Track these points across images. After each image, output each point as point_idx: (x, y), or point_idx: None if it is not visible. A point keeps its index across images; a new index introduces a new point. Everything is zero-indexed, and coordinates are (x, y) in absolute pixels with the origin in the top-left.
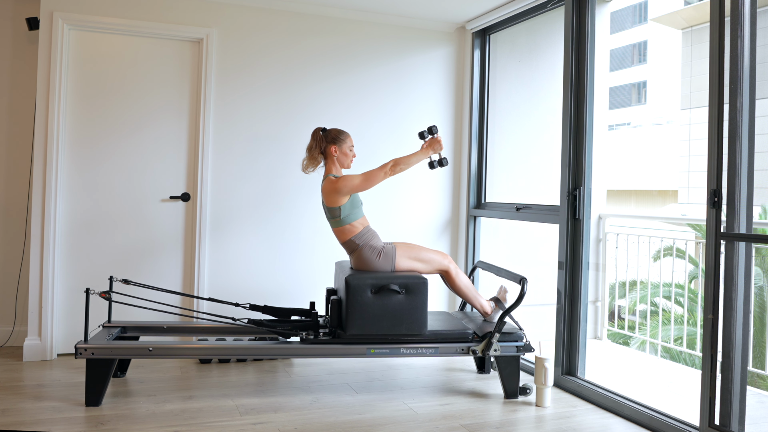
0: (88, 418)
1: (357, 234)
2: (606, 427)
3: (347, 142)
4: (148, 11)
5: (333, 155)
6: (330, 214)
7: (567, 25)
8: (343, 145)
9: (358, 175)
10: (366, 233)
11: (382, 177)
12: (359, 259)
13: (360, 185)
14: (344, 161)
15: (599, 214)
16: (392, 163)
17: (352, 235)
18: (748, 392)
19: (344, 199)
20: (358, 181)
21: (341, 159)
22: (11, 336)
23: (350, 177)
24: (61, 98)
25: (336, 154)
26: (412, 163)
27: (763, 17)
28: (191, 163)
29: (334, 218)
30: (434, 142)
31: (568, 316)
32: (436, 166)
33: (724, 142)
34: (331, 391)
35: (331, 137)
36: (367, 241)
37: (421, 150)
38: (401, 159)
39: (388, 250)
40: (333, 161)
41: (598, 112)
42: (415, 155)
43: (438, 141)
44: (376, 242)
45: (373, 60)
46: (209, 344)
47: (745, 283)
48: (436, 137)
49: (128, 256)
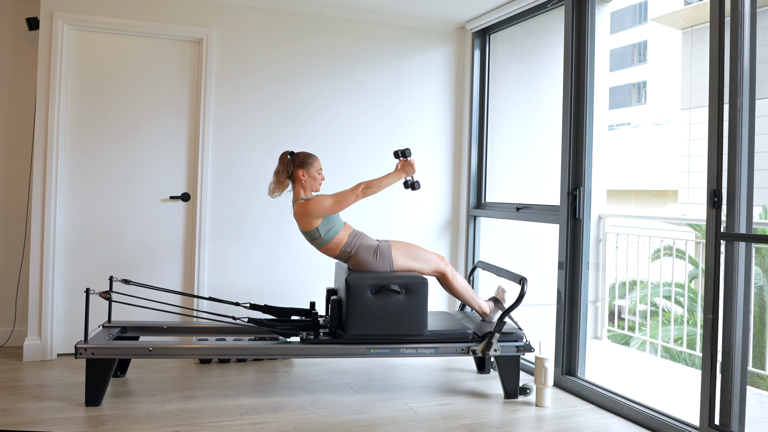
0: (88, 418)
1: (345, 243)
2: (606, 427)
3: (315, 165)
4: (148, 11)
5: (301, 179)
6: (309, 237)
7: (567, 25)
8: (311, 168)
9: (328, 197)
10: (354, 238)
11: (353, 200)
12: (357, 263)
13: (331, 208)
14: (313, 185)
15: (599, 214)
16: (364, 186)
17: (341, 247)
18: (748, 392)
19: (317, 221)
20: (328, 204)
21: (309, 182)
22: (11, 336)
23: (321, 200)
24: (61, 98)
25: (304, 178)
26: (384, 186)
27: (763, 17)
28: (191, 163)
29: (315, 240)
30: (407, 165)
31: (568, 316)
32: (409, 189)
33: (724, 142)
34: (331, 391)
35: (299, 161)
36: (359, 244)
37: (394, 173)
38: (373, 182)
39: (383, 248)
40: (302, 185)
41: (598, 112)
42: (387, 178)
43: (410, 164)
44: (369, 242)
45: (372, 60)
46: (209, 344)
47: (745, 283)
48: (409, 161)
49: (128, 256)
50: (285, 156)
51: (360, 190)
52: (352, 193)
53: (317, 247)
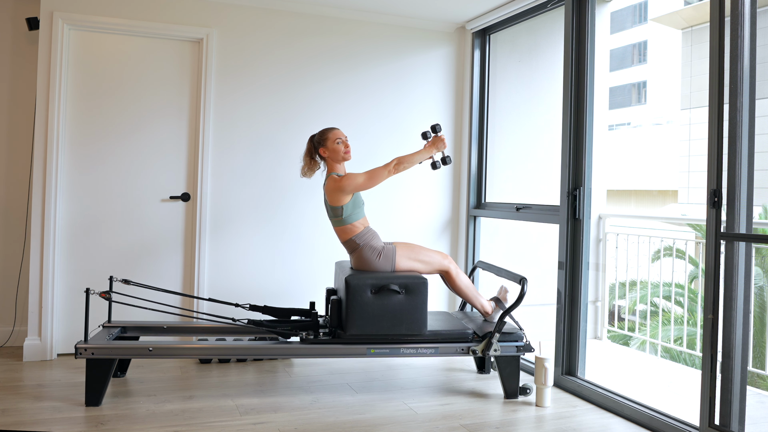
0: (88, 418)
1: (358, 234)
2: (606, 427)
3: (330, 137)
4: (148, 11)
5: (326, 156)
6: (332, 212)
7: (567, 25)
8: (327, 142)
9: (361, 174)
10: (366, 233)
11: (385, 175)
12: (359, 259)
13: (363, 184)
14: (336, 157)
15: (599, 214)
16: (396, 162)
17: (353, 234)
18: (748, 392)
19: (347, 198)
20: (361, 180)
21: (333, 156)
22: (11, 336)
23: (354, 175)
24: (61, 98)
25: (326, 154)
26: (415, 162)
27: (763, 17)
28: (191, 163)
29: (336, 217)
30: (438, 141)
31: (568, 316)
32: (439, 166)
33: (724, 142)
34: (331, 391)
35: (317, 140)
36: (367, 241)
37: (425, 148)
38: (405, 157)
39: (388, 251)
40: (329, 162)
41: (598, 112)
42: (418, 153)
43: (442, 140)
44: (376, 242)
45: (372, 60)
46: (209, 344)
47: (745, 283)
48: (440, 136)
49: (128, 256)
50: (310, 139)
51: (392, 166)
52: (384, 170)
53: (334, 225)
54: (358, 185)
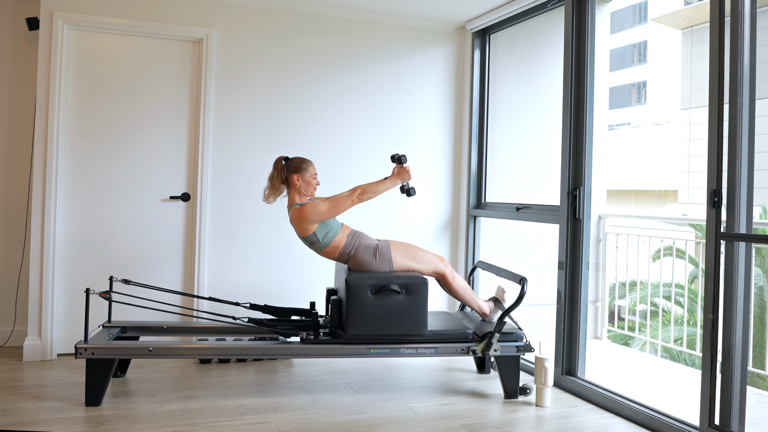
0: (88, 418)
1: (344, 245)
2: (606, 427)
3: (309, 170)
4: (148, 11)
5: (296, 184)
6: (308, 242)
7: (567, 25)
8: (305, 173)
9: (324, 202)
10: (353, 239)
11: (349, 205)
12: (356, 263)
13: (326, 213)
14: (307, 189)
15: (599, 214)
16: (360, 191)
17: (340, 249)
18: (748, 392)
19: (314, 226)
20: (324, 209)
21: (304, 187)
22: (11, 336)
23: (316, 204)
24: (61, 98)
25: (299, 183)
26: (379, 192)
27: (763, 17)
28: (191, 163)
29: (313, 245)
30: (402, 172)
31: (568, 316)
32: (404, 194)
33: (724, 142)
34: (331, 391)
35: (293, 166)
36: (358, 245)
37: (390, 178)
38: (369, 187)
39: (382, 248)
40: (296, 190)
41: (598, 112)
42: (383, 183)
43: (406, 171)
44: (368, 242)
45: (373, 60)
46: (209, 344)
47: (745, 283)
48: (405, 167)
49: (128, 256)
50: (279, 161)
51: (356, 196)
52: (347, 199)
53: (317, 251)
54: (320, 214)
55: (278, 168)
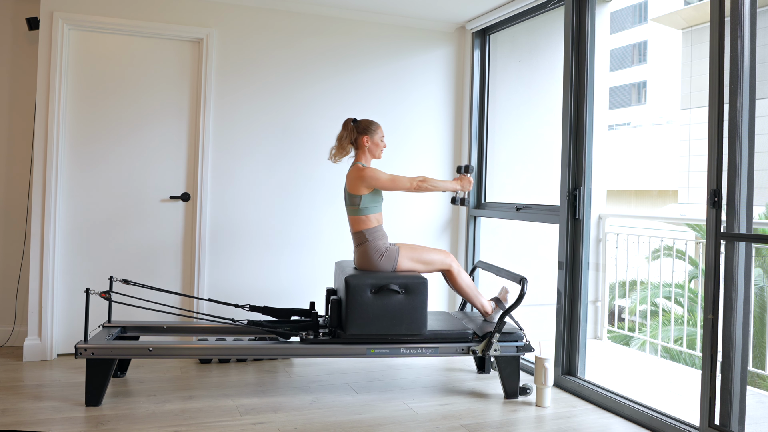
0: (88, 418)
1: (369, 228)
2: (606, 427)
3: (378, 132)
4: (148, 11)
5: (365, 145)
6: (350, 200)
7: (567, 25)
8: (374, 135)
9: (386, 173)
10: (377, 231)
11: (407, 186)
12: (363, 254)
13: (384, 183)
14: (375, 151)
15: (599, 214)
16: (422, 179)
17: (365, 227)
18: (748, 392)
19: (366, 190)
20: (384, 178)
21: (372, 149)
22: (11, 336)
23: (378, 171)
24: (61, 98)
25: (368, 145)
26: (439, 188)
27: (763, 17)
28: (191, 163)
29: (352, 206)
30: (465, 181)
31: (568, 316)
32: (457, 203)
33: (724, 142)
34: (331, 391)
35: (362, 127)
36: (375, 239)
37: (452, 181)
38: (431, 180)
39: (391, 252)
40: (364, 151)
41: (598, 112)
42: (445, 183)
43: (469, 181)
44: (382, 243)
45: (373, 60)
46: (209, 344)
47: (745, 283)
48: (469, 177)
49: (128, 256)
50: (349, 122)
51: (417, 182)
52: (408, 181)
53: (349, 213)
54: (378, 182)
55: (348, 129)
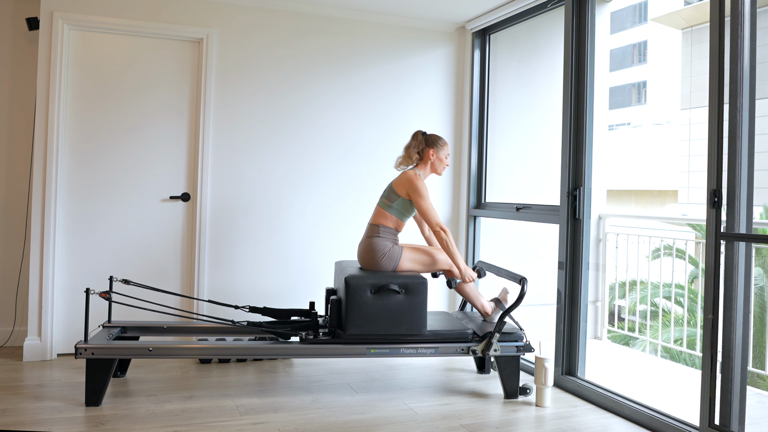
0: (88, 418)
1: (385, 226)
2: (606, 427)
3: (445, 149)
4: (148, 11)
5: (429, 158)
6: (387, 194)
7: (567, 25)
8: (440, 150)
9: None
10: (390, 232)
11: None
12: (368, 248)
13: (420, 201)
14: (438, 166)
15: (599, 214)
16: (446, 230)
17: (383, 223)
18: (748, 392)
19: (406, 196)
20: (424, 198)
21: (436, 163)
22: (11, 336)
23: (425, 189)
24: (61, 98)
25: (432, 158)
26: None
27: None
28: (191, 163)
29: (387, 199)
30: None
31: (568, 316)
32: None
33: (724, 142)
34: (331, 391)
35: (431, 140)
36: (384, 238)
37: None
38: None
39: (393, 252)
40: (426, 163)
41: (598, 112)
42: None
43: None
44: (388, 243)
45: (373, 60)
46: (209, 344)
47: (745, 283)
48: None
49: (128, 256)
50: (419, 134)
51: (441, 227)
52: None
53: (379, 204)
54: (418, 195)
55: (417, 139)
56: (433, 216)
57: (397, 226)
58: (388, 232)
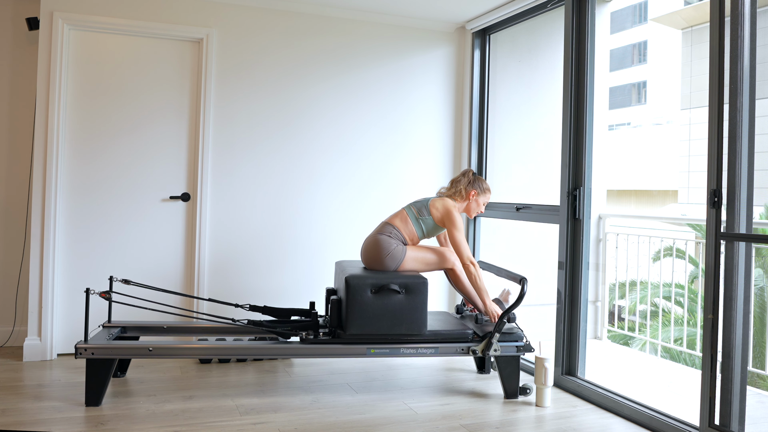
0: (88, 418)
1: (399, 231)
2: (606, 427)
3: (487, 195)
4: (148, 11)
5: (470, 199)
6: (419, 208)
7: (567, 25)
8: (481, 195)
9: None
10: (400, 236)
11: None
12: (374, 244)
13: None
14: (473, 208)
15: (599, 214)
16: (477, 266)
17: (398, 226)
18: (748, 392)
19: (439, 224)
20: (457, 226)
21: (472, 205)
22: (11, 336)
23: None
24: (61, 98)
25: (472, 200)
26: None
27: (763, 17)
28: (191, 163)
29: (418, 213)
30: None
31: (568, 316)
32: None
33: (724, 142)
34: (331, 391)
35: (478, 184)
36: (392, 238)
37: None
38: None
39: (397, 252)
40: (464, 200)
41: (598, 112)
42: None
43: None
44: (394, 243)
45: (373, 60)
46: (209, 344)
47: (745, 283)
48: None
49: (128, 256)
50: (470, 172)
51: (470, 260)
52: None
53: (408, 212)
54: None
55: (467, 177)
56: (464, 249)
57: (411, 238)
58: (398, 236)
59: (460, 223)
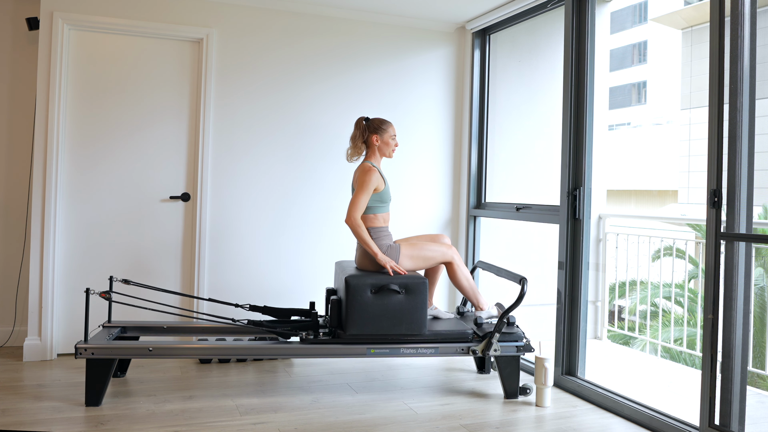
0: (88, 418)
1: (373, 227)
2: (606, 427)
3: (389, 131)
4: (148, 11)
5: (374, 144)
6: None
7: (567, 25)
8: (384, 134)
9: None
10: (380, 231)
11: (352, 213)
12: (365, 253)
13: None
14: (385, 150)
15: (599, 214)
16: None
17: (369, 225)
18: (748, 392)
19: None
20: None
21: (382, 148)
22: (11, 336)
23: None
24: (61, 98)
25: (377, 143)
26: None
27: (763, 17)
28: (191, 163)
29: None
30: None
31: (568, 316)
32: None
33: (724, 142)
34: (331, 391)
35: (373, 126)
36: (377, 239)
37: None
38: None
39: (391, 251)
40: (374, 150)
41: (598, 112)
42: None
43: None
44: (383, 243)
45: (373, 60)
46: (209, 344)
47: (745, 283)
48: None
49: (128, 256)
50: (360, 121)
51: (358, 221)
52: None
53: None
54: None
55: (360, 128)
56: (352, 209)
57: (384, 221)
58: (377, 231)
59: (368, 185)
